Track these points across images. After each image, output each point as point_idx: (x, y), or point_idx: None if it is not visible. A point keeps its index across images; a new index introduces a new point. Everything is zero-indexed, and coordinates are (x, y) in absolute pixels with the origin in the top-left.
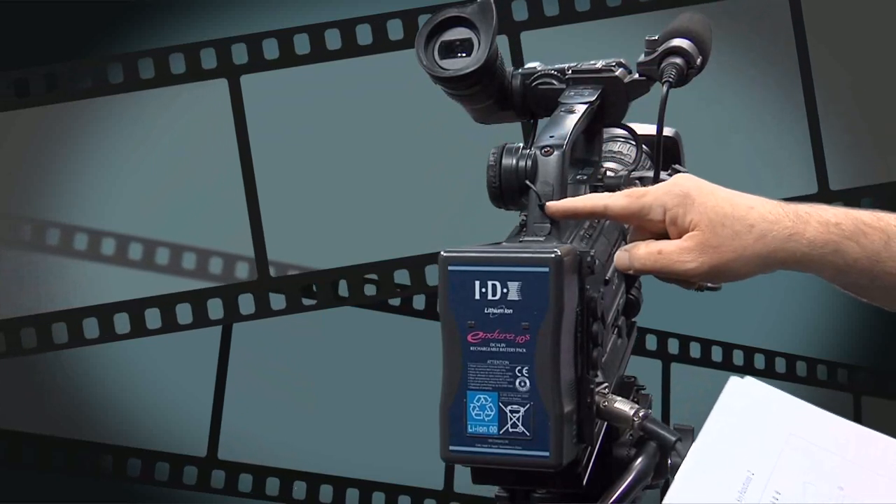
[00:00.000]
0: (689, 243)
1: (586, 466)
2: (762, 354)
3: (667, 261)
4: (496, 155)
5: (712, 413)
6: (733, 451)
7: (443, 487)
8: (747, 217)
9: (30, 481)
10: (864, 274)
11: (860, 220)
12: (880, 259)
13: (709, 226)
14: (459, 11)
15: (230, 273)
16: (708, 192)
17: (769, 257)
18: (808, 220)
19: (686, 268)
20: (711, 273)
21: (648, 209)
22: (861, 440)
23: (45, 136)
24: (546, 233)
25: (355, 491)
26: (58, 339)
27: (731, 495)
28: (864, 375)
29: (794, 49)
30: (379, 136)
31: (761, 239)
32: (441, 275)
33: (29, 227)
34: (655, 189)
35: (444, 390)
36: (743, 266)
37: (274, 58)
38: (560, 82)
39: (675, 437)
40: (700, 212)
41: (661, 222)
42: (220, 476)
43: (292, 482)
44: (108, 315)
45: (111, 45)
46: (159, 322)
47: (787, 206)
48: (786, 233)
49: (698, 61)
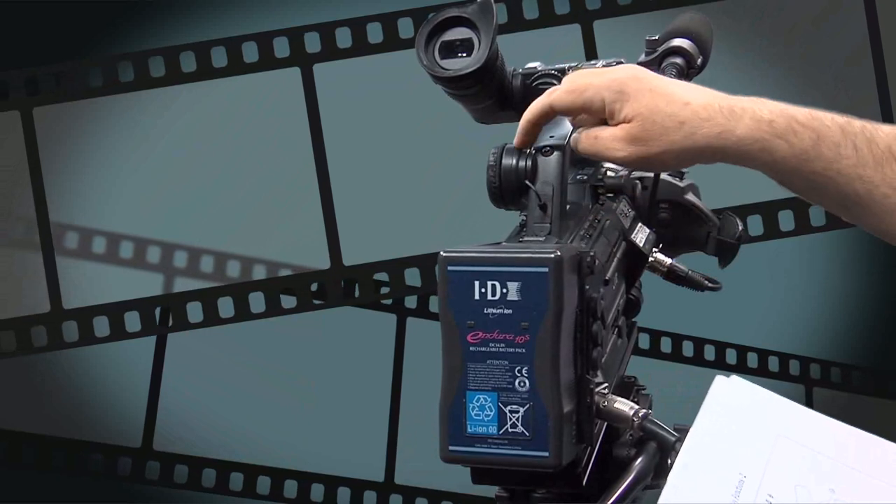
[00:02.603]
0: (621, 133)
1: (586, 466)
2: (755, 354)
3: (600, 146)
4: (496, 155)
5: (700, 414)
6: (724, 454)
7: (383, 479)
8: (679, 113)
9: (30, 481)
10: (793, 172)
11: (793, 118)
12: (808, 158)
13: (640, 121)
14: (460, 11)
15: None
16: (647, 87)
17: (698, 153)
18: (742, 116)
19: (616, 155)
20: (640, 163)
21: (590, 103)
22: (851, 441)
23: (130, 123)
24: (546, 233)
25: (293, 483)
26: (99, 333)
27: (724, 499)
28: (864, 375)
29: (794, 49)
30: (379, 135)
31: (690, 136)
32: (440, 275)
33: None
34: (597, 82)
35: (443, 390)
36: (671, 159)
37: (347, 46)
38: (560, 82)
39: (675, 437)
40: (634, 107)
41: (602, 113)
42: (292, 485)
43: (283, 480)
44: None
45: (187, 34)
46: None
47: (724, 101)
48: (716, 130)
49: (699, 61)
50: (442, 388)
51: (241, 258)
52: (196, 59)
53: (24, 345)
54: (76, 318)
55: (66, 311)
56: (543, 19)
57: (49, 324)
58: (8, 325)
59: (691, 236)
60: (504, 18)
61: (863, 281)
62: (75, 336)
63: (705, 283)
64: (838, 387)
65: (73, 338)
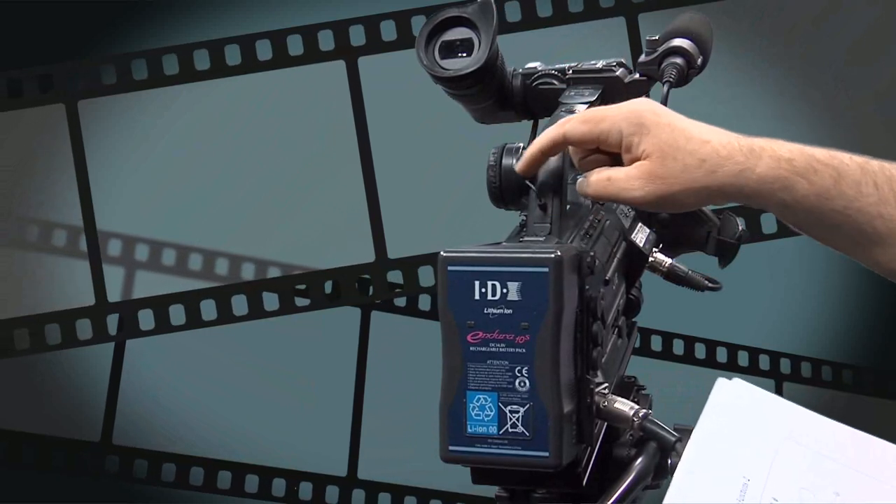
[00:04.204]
0: (637, 172)
1: (586, 467)
2: (750, 353)
3: (615, 188)
4: (496, 155)
5: (702, 416)
6: (728, 457)
7: (346, 473)
8: (699, 151)
9: (30, 481)
10: (812, 211)
11: (813, 157)
12: (829, 196)
13: (659, 157)
14: (460, 11)
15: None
16: (665, 122)
17: (717, 191)
18: (762, 154)
19: (632, 195)
20: (658, 202)
21: (606, 134)
22: (855, 444)
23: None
24: (546, 233)
25: (255, 477)
26: (113, 330)
27: (729, 502)
28: (864, 375)
29: (794, 49)
30: (379, 135)
31: (711, 174)
32: (440, 275)
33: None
34: (614, 114)
35: (443, 390)
36: (689, 198)
37: (391, 39)
38: (560, 82)
39: (675, 437)
40: (653, 142)
41: (618, 147)
42: (254, 480)
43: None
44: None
45: (233, 27)
46: (277, 304)
47: (742, 141)
48: (736, 168)
49: (699, 61)
50: (442, 388)
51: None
52: (241, 53)
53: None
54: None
55: (49, 313)
56: (588, 12)
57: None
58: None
59: (691, 236)
60: (548, 12)
61: (863, 281)
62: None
63: (705, 283)
64: (838, 387)
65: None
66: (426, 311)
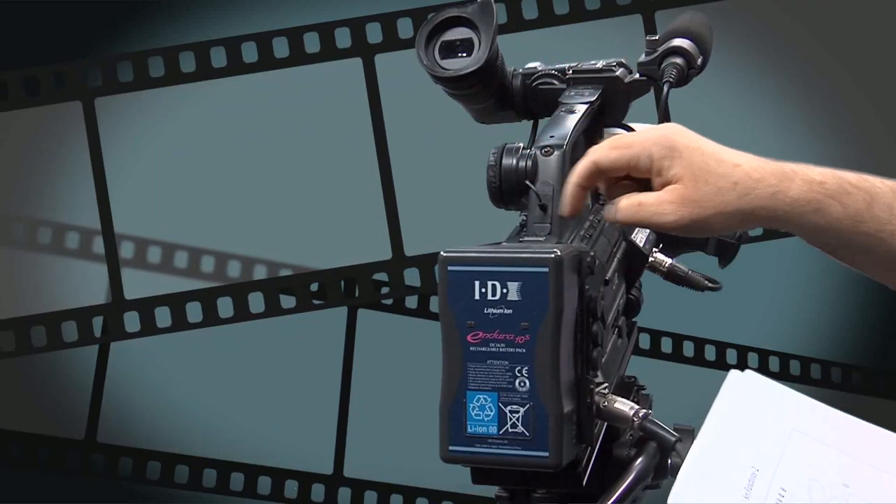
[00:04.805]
0: (669, 196)
1: (586, 466)
2: (756, 354)
3: (646, 213)
4: (496, 155)
5: (713, 407)
6: (737, 447)
7: (332, 471)
8: (732, 174)
9: (14, 479)
10: (844, 234)
11: (845, 180)
12: (862, 219)
13: (692, 180)
14: (460, 11)
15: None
16: (695, 146)
17: (750, 215)
18: (794, 177)
19: (665, 220)
20: (690, 227)
21: (637, 159)
22: (865, 436)
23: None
24: (546, 233)
25: (240, 475)
26: (132, 329)
27: (737, 492)
28: (864, 375)
29: (793, 49)
30: (396, 133)
31: (744, 197)
32: (441, 275)
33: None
34: (643, 139)
35: (443, 390)
36: (722, 222)
37: (408, 37)
38: (560, 82)
39: (675, 437)
40: (685, 166)
41: (648, 172)
42: (239, 478)
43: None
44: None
45: (250, 25)
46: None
47: (773, 164)
48: (769, 191)
49: (699, 61)
50: (442, 388)
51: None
52: (258, 50)
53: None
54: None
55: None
56: (605, 10)
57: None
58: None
59: (691, 236)
60: (565, 10)
61: (863, 281)
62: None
63: (705, 283)
64: (838, 387)
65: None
66: (412, 309)
